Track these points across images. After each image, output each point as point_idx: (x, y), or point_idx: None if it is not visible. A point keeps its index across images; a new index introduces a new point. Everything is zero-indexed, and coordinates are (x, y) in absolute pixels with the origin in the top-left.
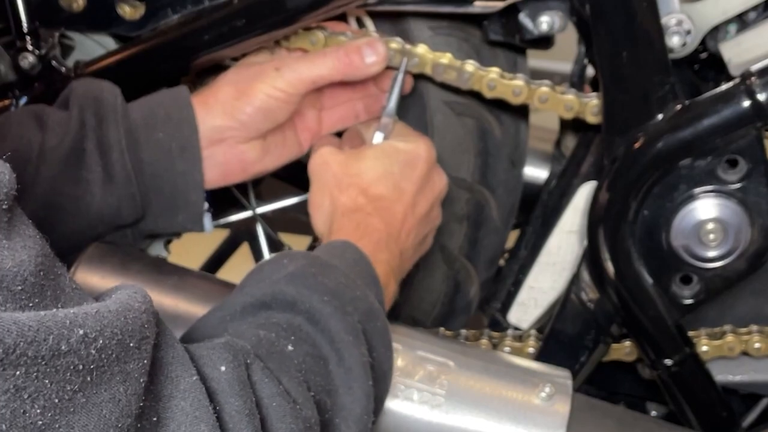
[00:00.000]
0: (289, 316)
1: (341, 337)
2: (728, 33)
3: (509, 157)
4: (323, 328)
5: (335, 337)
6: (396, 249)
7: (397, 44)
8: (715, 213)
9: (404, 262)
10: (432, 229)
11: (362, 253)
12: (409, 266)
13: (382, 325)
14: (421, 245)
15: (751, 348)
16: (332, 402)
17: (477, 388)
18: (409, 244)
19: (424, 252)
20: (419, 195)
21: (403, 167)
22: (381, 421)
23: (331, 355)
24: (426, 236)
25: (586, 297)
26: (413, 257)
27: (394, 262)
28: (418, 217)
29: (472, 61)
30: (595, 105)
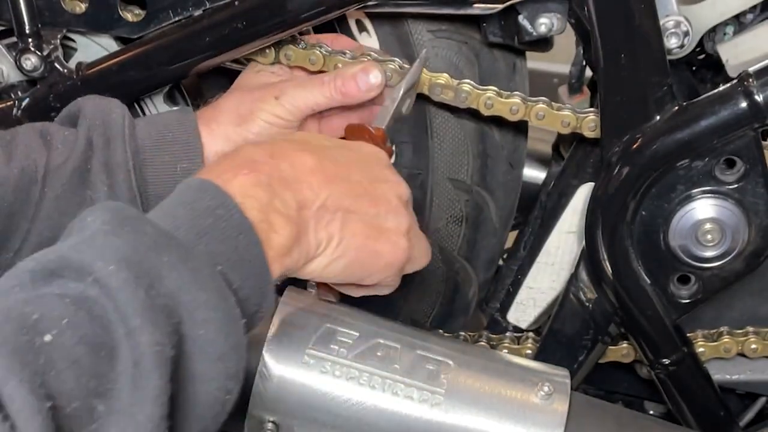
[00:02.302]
0: (82, 287)
1: (129, 317)
2: (726, 34)
3: (508, 158)
4: (115, 307)
5: (124, 316)
6: (291, 199)
7: (395, 66)
8: (712, 213)
9: (309, 220)
10: (388, 215)
11: (224, 194)
12: (324, 238)
13: (209, 296)
14: (361, 222)
15: (748, 349)
16: (107, 406)
17: (476, 387)
18: (318, 202)
19: (376, 239)
20: (351, 161)
21: (340, 148)
22: (381, 421)
23: (122, 342)
24: (376, 218)
25: (585, 297)
26: (334, 226)
27: (282, 208)
28: (343, 178)
29: (469, 80)
30: (592, 120)
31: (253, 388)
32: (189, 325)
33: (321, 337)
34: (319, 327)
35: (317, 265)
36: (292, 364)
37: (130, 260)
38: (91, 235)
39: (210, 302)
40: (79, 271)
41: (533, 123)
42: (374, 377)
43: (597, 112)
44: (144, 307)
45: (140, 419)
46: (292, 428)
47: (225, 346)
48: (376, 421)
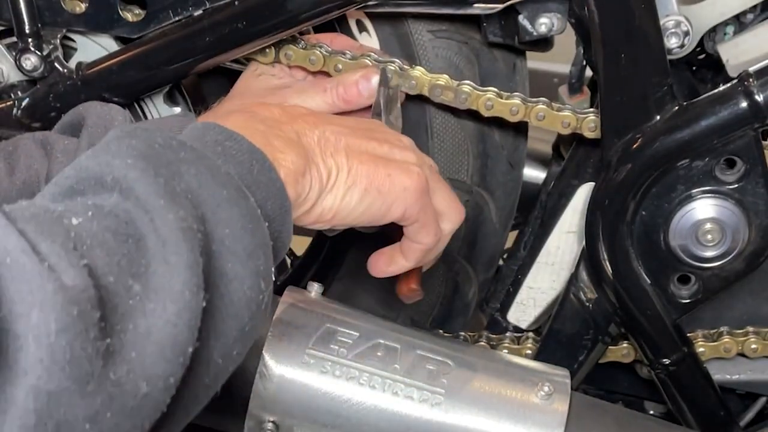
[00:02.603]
0: (102, 198)
1: (151, 201)
2: (726, 34)
3: (508, 159)
4: (136, 199)
5: (146, 204)
6: (290, 130)
7: (395, 67)
8: (712, 213)
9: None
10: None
11: (228, 129)
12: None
13: (230, 193)
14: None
15: (748, 349)
16: (143, 285)
17: (476, 387)
18: (317, 133)
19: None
20: (344, 117)
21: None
22: (381, 421)
23: (149, 230)
24: (380, 150)
25: (585, 297)
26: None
27: (282, 134)
28: (339, 122)
29: (469, 81)
30: (592, 120)
31: (253, 388)
32: (213, 224)
33: (321, 337)
34: (319, 327)
35: (334, 198)
36: (292, 364)
37: (147, 155)
38: (105, 143)
39: (231, 200)
40: (98, 178)
41: (533, 124)
42: (374, 377)
43: (597, 113)
44: (165, 191)
45: (177, 289)
46: (292, 428)
47: (252, 244)
48: (376, 421)
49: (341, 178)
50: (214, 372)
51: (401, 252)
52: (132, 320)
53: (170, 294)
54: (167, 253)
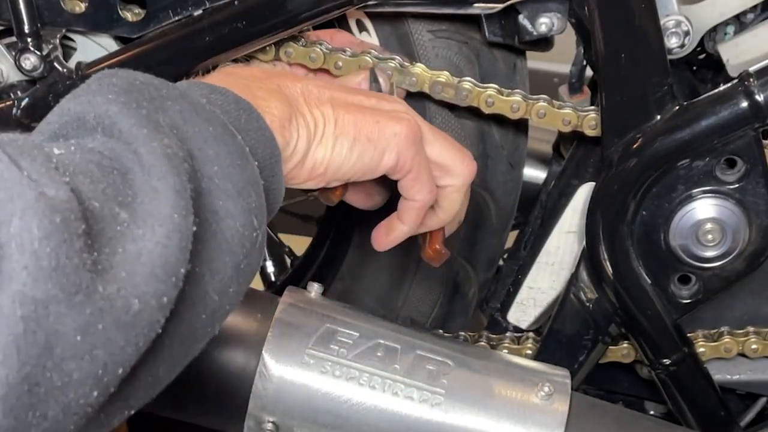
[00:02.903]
0: (86, 140)
1: (134, 132)
2: (726, 34)
3: (508, 159)
4: (119, 133)
5: (129, 137)
6: (271, 83)
7: (395, 64)
8: (713, 213)
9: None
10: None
11: (212, 85)
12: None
13: (216, 129)
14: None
15: (748, 349)
16: (131, 213)
17: (476, 387)
18: (299, 86)
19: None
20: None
21: None
22: (381, 421)
23: (134, 162)
24: (367, 102)
25: (585, 297)
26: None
27: (264, 86)
28: (320, 80)
29: (470, 78)
30: (593, 118)
31: (252, 388)
32: (200, 161)
33: (321, 337)
34: (319, 327)
35: (324, 150)
36: (292, 364)
37: (129, 90)
38: (86, 84)
39: (218, 136)
40: (80, 118)
41: (534, 121)
42: (374, 377)
43: (598, 110)
44: (148, 121)
45: (165, 213)
46: (291, 428)
47: (242, 181)
48: (376, 422)
49: (329, 129)
50: (212, 308)
51: (398, 217)
52: (121, 245)
53: (159, 218)
54: (153, 180)
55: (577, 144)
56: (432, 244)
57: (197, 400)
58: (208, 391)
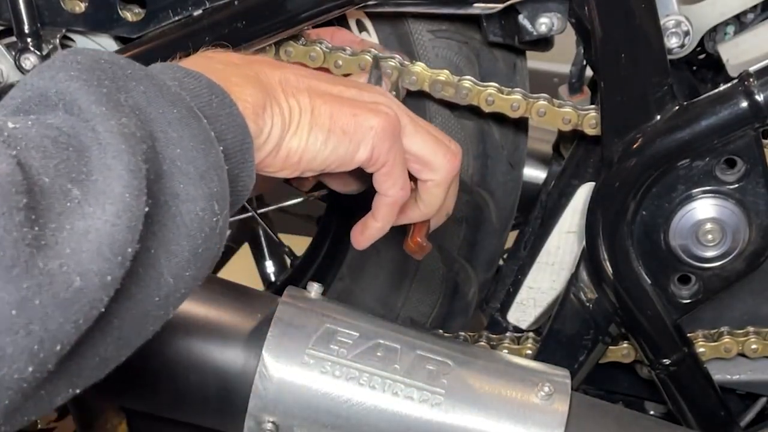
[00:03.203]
0: (47, 117)
1: (92, 110)
2: (726, 34)
3: (508, 159)
4: (79, 110)
5: (87, 114)
6: (248, 70)
7: (395, 63)
8: (713, 213)
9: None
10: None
11: (185, 68)
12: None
13: (181, 112)
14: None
15: (748, 349)
16: (83, 191)
17: (476, 387)
18: (278, 74)
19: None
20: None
21: None
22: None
23: (92, 141)
24: (346, 93)
25: (585, 297)
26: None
27: (239, 72)
28: (300, 69)
29: (470, 76)
30: (593, 117)
31: (252, 388)
32: (163, 143)
33: (321, 337)
34: (319, 327)
35: (299, 140)
36: (292, 364)
37: (92, 68)
38: (50, 60)
39: (182, 119)
40: (42, 93)
41: (534, 120)
42: (374, 377)
43: (598, 109)
44: (108, 99)
45: (117, 191)
46: (291, 428)
47: (204, 165)
48: (376, 422)
49: (304, 119)
50: (166, 291)
51: (372, 214)
52: (69, 221)
53: (110, 197)
54: (108, 158)
55: (577, 144)
56: (414, 236)
57: (197, 401)
58: (208, 391)
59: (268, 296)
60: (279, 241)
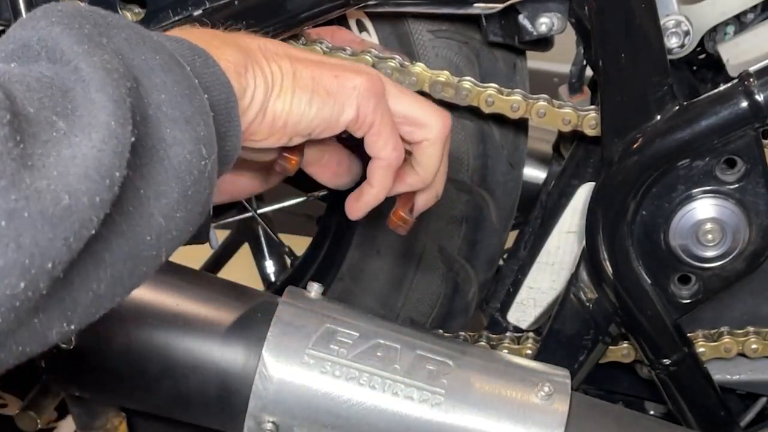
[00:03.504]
0: (30, 68)
1: (74, 50)
2: (727, 34)
3: (508, 159)
4: (61, 53)
5: (70, 55)
6: (226, 36)
7: (395, 63)
8: (713, 213)
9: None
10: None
11: (166, 35)
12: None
13: (163, 59)
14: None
15: (748, 349)
16: (69, 124)
17: (476, 387)
18: (257, 42)
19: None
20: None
21: None
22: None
23: (76, 82)
24: (327, 60)
25: (585, 297)
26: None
27: (219, 37)
28: (279, 42)
29: (470, 76)
30: (593, 118)
31: (252, 388)
32: (147, 89)
33: (321, 337)
34: (319, 327)
35: (283, 102)
36: (292, 364)
37: (74, 15)
38: (32, 13)
39: (165, 65)
40: (25, 43)
41: (534, 121)
42: (374, 377)
43: (598, 110)
44: (89, 40)
45: (102, 120)
46: (291, 428)
47: (190, 110)
48: (376, 422)
49: (287, 82)
50: (157, 231)
51: (367, 180)
52: (56, 149)
53: (96, 126)
54: (92, 92)
55: (577, 144)
56: (398, 210)
57: (197, 401)
58: (208, 392)
59: (268, 296)
60: (279, 241)
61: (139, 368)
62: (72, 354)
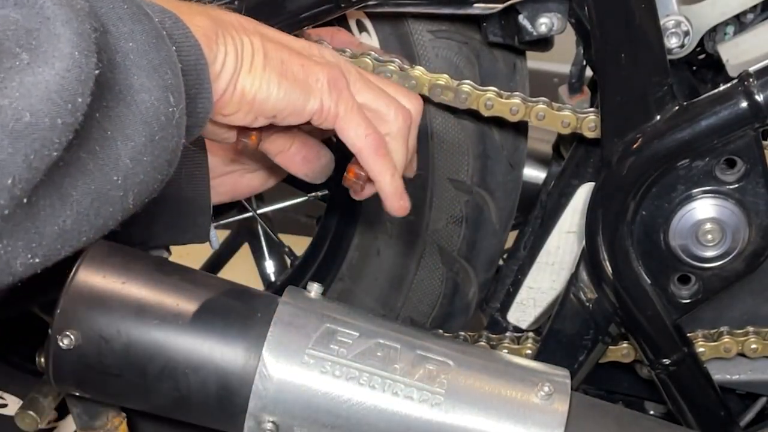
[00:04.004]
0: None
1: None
2: (726, 34)
3: (508, 159)
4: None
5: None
6: (199, 5)
7: (394, 66)
8: (713, 213)
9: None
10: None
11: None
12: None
13: (131, 9)
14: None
15: (748, 349)
16: (32, 56)
17: (476, 387)
18: (231, 17)
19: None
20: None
21: None
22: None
23: (41, 24)
24: (296, 46)
25: (585, 297)
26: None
27: (188, 4)
28: (271, 32)
29: (469, 80)
30: (592, 120)
31: (252, 388)
32: (116, 36)
33: (321, 337)
34: (319, 327)
35: (253, 79)
36: (292, 364)
37: None
38: None
39: (133, 16)
40: None
41: (533, 123)
42: (374, 377)
43: (597, 112)
44: None
45: (66, 51)
46: (291, 428)
47: (158, 59)
48: (376, 422)
49: (258, 59)
50: (124, 172)
51: (372, 176)
52: (18, 76)
53: (59, 57)
54: (57, 27)
55: (577, 144)
56: (353, 167)
57: (197, 401)
58: (209, 392)
59: (268, 296)
60: (279, 241)
61: (139, 368)
62: (72, 354)
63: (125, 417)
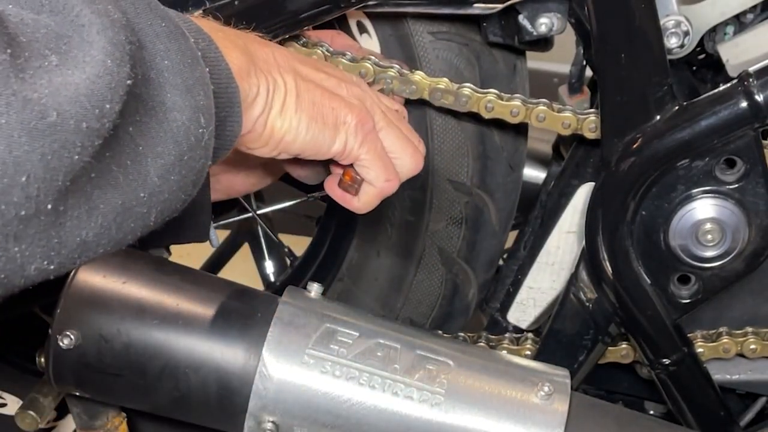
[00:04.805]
0: (30, 15)
1: (77, 4)
2: (726, 34)
3: (508, 160)
4: (63, 6)
5: (73, 3)
6: (236, 38)
7: (393, 72)
8: (712, 213)
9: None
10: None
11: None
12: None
13: (169, 27)
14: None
15: (747, 349)
16: (62, 59)
17: (476, 387)
18: (266, 51)
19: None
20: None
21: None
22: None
23: (74, 30)
24: (327, 82)
25: (585, 297)
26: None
27: (227, 36)
28: (286, 51)
29: (469, 83)
30: (593, 121)
31: (253, 388)
32: (151, 52)
33: (321, 337)
34: (319, 327)
35: (283, 119)
36: (292, 364)
37: None
38: None
39: (170, 34)
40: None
41: (534, 125)
42: (374, 377)
43: (597, 113)
44: (95, 1)
45: (99, 58)
46: (291, 428)
47: (191, 79)
48: (376, 421)
49: (290, 100)
50: (151, 190)
51: (357, 195)
52: (48, 76)
53: (91, 63)
54: (92, 34)
55: (577, 144)
56: (349, 171)
57: (197, 401)
58: (209, 391)
59: (268, 296)
60: (279, 241)
61: (139, 368)
62: (72, 354)
63: (125, 417)
